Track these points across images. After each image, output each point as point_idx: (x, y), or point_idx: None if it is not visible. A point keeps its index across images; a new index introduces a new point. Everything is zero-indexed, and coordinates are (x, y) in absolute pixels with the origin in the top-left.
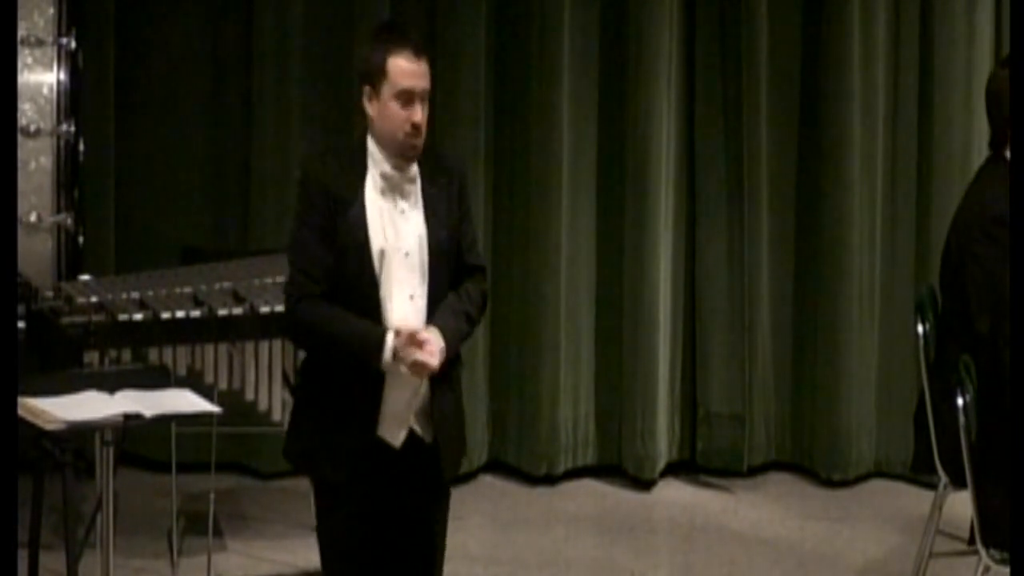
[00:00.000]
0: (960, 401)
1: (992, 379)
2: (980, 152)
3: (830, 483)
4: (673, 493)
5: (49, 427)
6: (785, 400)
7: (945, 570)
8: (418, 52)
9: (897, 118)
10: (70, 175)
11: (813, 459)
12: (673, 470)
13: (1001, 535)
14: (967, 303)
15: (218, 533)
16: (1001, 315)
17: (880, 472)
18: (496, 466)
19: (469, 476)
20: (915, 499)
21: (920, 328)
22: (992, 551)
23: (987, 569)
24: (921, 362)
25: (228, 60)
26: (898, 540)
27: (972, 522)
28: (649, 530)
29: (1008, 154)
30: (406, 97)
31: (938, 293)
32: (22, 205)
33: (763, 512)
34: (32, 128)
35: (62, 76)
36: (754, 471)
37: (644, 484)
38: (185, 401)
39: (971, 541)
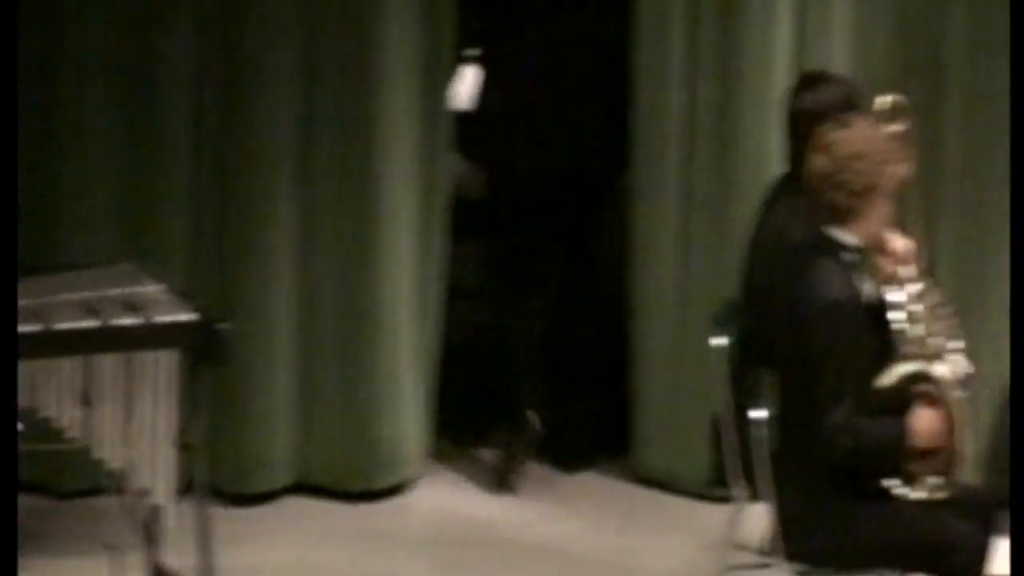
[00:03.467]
0: (757, 415)
1: (792, 393)
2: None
3: None
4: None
5: None
6: None
7: None
8: None
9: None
10: None
11: None
12: None
13: (801, 547)
14: (770, 324)
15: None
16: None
17: None
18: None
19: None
20: (708, 512)
21: (719, 341)
22: (793, 563)
23: None
24: (722, 375)
25: (29, 69)
26: (691, 553)
27: (767, 534)
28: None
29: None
30: None
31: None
32: None
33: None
34: None
35: None
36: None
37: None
38: None
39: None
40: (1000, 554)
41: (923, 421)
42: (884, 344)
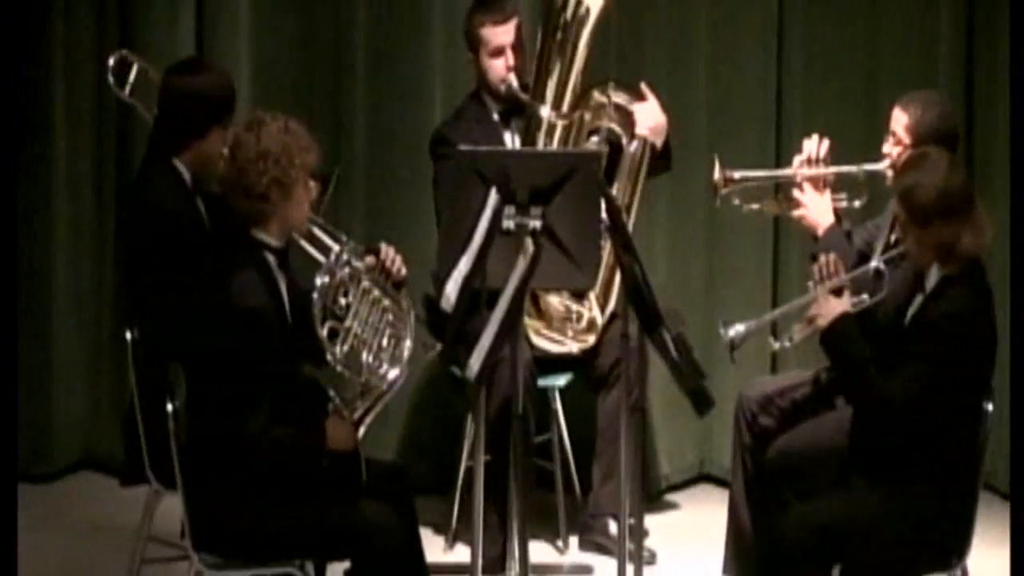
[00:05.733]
0: (170, 407)
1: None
2: None
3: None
4: None
5: None
6: None
7: (159, 575)
8: None
9: None
10: None
11: None
12: None
13: (211, 539)
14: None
15: None
16: None
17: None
18: None
19: None
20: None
21: (130, 335)
22: (204, 555)
23: (199, 573)
24: (130, 370)
25: None
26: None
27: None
28: None
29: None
30: None
31: None
32: None
33: None
34: None
35: None
36: None
37: None
38: None
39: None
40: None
41: (333, 428)
42: (311, 338)
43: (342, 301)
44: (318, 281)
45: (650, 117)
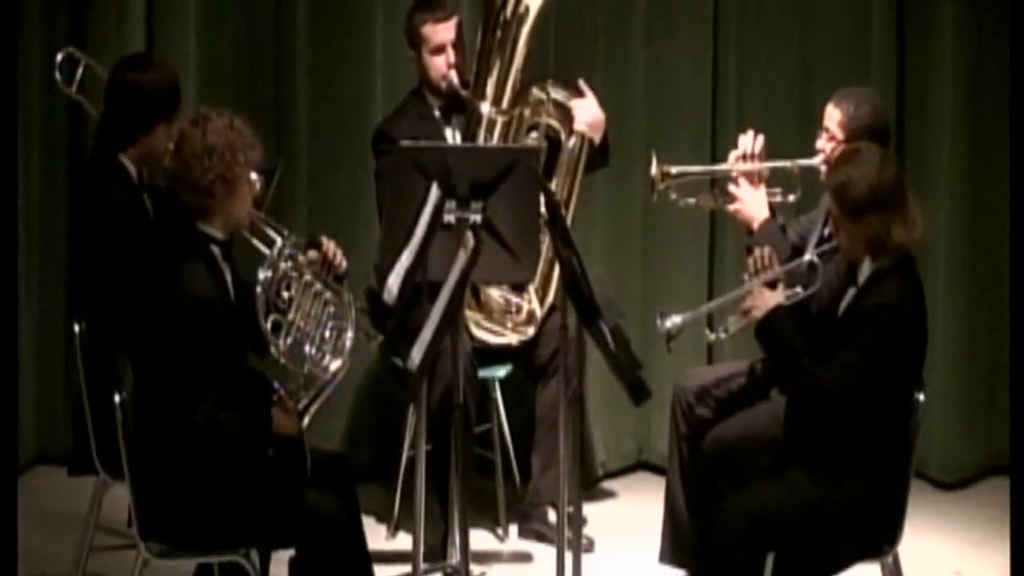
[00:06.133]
0: (117, 398)
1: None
2: None
3: None
4: None
5: None
6: None
7: (107, 563)
8: None
9: None
10: None
11: None
12: None
13: (158, 528)
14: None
15: None
16: None
17: None
18: None
19: None
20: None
21: (78, 327)
22: (151, 544)
23: (146, 562)
24: (78, 361)
25: None
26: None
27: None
28: None
29: None
30: None
31: None
32: None
33: None
34: None
35: None
36: None
37: None
38: None
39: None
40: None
41: (277, 418)
42: (254, 330)
43: (284, 294)
44: (261, 275)
45: (588, 113)
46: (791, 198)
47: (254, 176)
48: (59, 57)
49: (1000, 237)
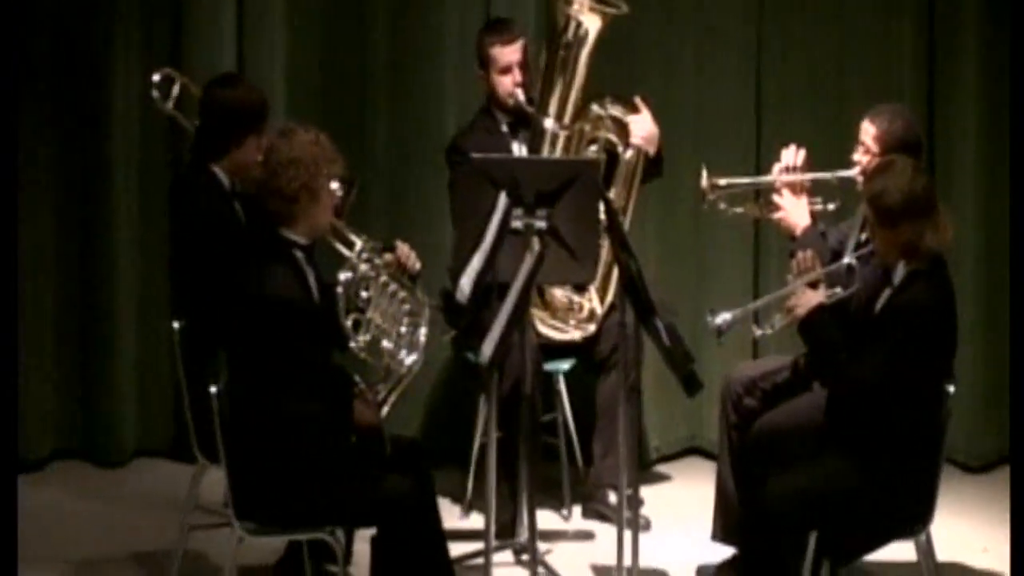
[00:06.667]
0: (214, 389)
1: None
2: None
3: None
4: None
5: None
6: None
7: (205, 541)
8: None
9: None
10: None
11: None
12: None
13: (251, 508)
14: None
15: None
16: None
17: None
18: None
19: None
20: (178, 477)
21: (177, 324)
22: (245, 523)
23: (241, 539)
24: (178, 357)
25: None
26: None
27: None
28: None
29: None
30: None
31: None
32: None
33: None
34: None
35: None
36: None
37: None
38: None
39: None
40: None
41: (359, 409)
42: (336, 328)
43: (363, 294)
44: (341, 276)
45: (643, 128)
46: (831, 207)
47: (335, 186)
48: (156, 77)
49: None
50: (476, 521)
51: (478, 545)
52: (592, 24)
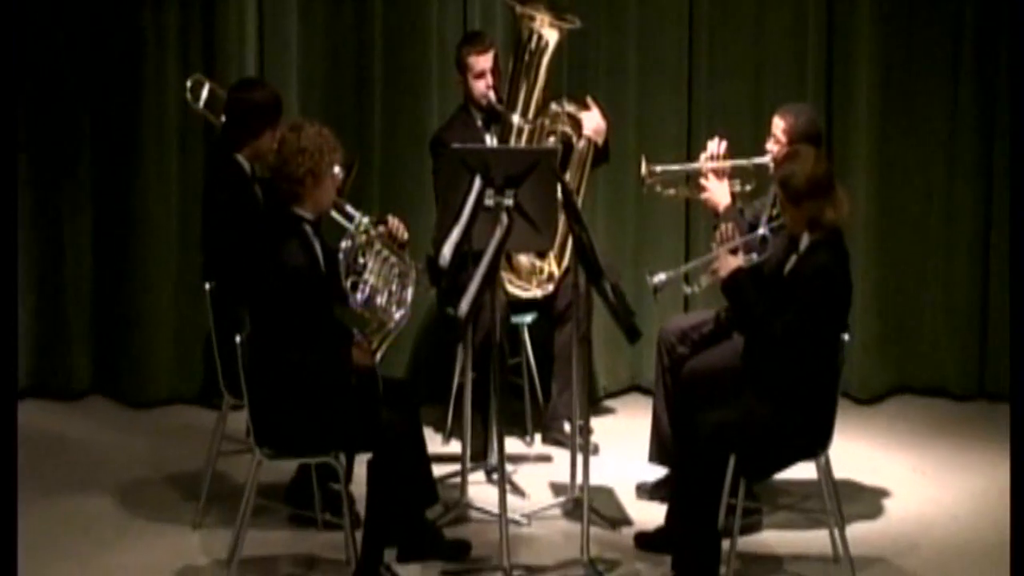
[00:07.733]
0: (238, 339)
1: (265, 326)
2: None
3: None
4: None
5: None
6: None
7: (231, 464)
8: None
9: None
10: None
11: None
12: None
13: (268, 437)
14: (248, 276)
15: None
16: None
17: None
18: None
19: None
20: (204, 419)
21: (208, 284)
22: (264, 449)
23: (260, 463)
24: (208, 313)
25: None
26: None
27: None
28: None
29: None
30: None
31: None
32: None
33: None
34: None
35: None
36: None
37: None
38: None
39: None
40: None
41: (356, 355)
42: (338, 287)
43: (361, 260)
44: (342, 244)
45: (593, 122)
46: (747, 188)
47: (337, 170)
48: (189, 82)
49: (904, 214)
50: (455, 447)
51: (456, 467)
52: (551, 36)
